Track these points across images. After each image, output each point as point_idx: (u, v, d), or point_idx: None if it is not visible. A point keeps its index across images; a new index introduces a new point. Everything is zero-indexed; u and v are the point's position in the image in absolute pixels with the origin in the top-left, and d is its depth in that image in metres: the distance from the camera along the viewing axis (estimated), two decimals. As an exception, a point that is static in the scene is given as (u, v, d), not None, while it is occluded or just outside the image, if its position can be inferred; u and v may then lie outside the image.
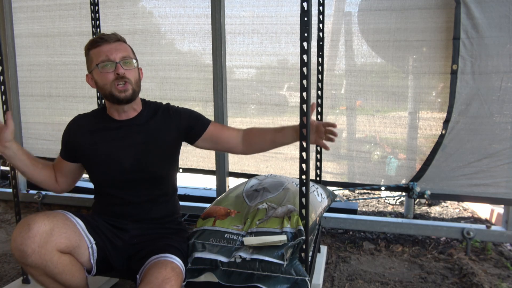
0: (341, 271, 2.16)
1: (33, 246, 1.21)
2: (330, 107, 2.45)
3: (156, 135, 1.55)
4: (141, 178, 1.54)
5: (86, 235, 1.39)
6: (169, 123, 1.58)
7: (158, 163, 1.56)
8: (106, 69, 1.45)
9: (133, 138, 1.54)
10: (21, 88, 3.06)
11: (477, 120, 2.17)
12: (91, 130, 1.55)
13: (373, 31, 2.30)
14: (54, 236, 1.25)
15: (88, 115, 1.63)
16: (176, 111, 1.62)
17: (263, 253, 1.39)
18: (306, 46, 1.28)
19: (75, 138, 1.56)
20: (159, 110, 1.60)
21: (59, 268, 1.28)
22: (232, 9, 2.53)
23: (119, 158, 1.51)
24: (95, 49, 1.47)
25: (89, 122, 1.59)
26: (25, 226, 1.23)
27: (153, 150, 1.54)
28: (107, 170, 1.52)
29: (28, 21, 2.97)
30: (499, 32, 2.06)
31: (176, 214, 1.70)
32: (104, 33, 1.50)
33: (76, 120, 1.63)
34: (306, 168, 1.34)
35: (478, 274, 2.04)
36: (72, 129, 1.59)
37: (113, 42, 1.47)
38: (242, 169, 2.71)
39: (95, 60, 1.47)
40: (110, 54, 1.45)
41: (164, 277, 1.25)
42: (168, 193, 1.64)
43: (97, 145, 1.53)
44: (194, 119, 1.62)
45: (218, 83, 2.56)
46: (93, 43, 1.48)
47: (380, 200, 3.30)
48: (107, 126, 1.55)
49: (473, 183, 2.23)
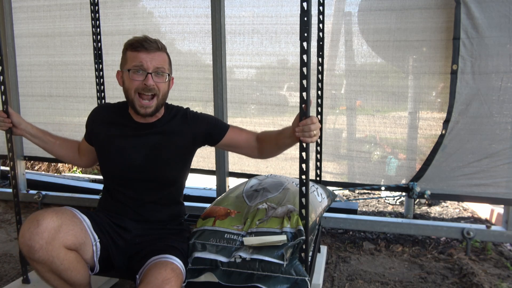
0: (341, 271, 2.16)
1: (41, 242, 1.22)
2: (330, 107, 2.45)
3: (169, 138, 1.56)
4: (148, 178, 1.55)
5: (92, 233, 1.40)
6: (185, 128, 1.58)
7: (167, 166, 1.57)
8: (137, 75, 1.45)
9: (147, 138, 1.55)
10: (21, 88, 3.06)
11: (477, 120, 2.17)
12: (109, 122, 1.59)
13: (373, 31, 2.30)
14: (61, 232, 1.26)
15: (111, 107, 1.65)
16: (194, 116, 1.62)
17: (263, 253, 1.39)
18: (306, 46, 1.28)
19: (94, 126, 1.62)
20: (178, 114, 1.61)
21: (64, 265, 1.29)
22: (232, 9, 2.53)
23: (130, 155, 1.53)
24: (133, 52, 1.46)
25: (110, 114, 1.62)
26: (34, 221, 1.24)
27: (164, 153, 1.55)
28: (117, 164, 1.55)
29: (28, 21, 2.97)
30: (499, 32, 2.06)
31: (179, 218, 1.70)
32: (148, 38, 1.48)
33: (99, 109, 1.69)
34: (306, 168, 1.34)
35: (478, 274, 2.04)
36: (93, 117, 1.65)
37: (152, 52, 1.46)
38: (242, 169, 2.71)
39: (129, 62, 1.47)
40: (145, 62, 1.44)
41: (164, 278, 1.25)
42: (174, 198, 1.65)
43: (112, 138, 1.56)
44: (212, 126, 1.62)
45: (218, 83, 2.56)
46: (133, 45, 1.47)
47: (380, 200, 3.30)
48: (125, 123, 1.58)
49: (473, 183, 2.23)
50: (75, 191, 3.20)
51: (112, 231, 1.50)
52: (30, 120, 3.32)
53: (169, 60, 1.56)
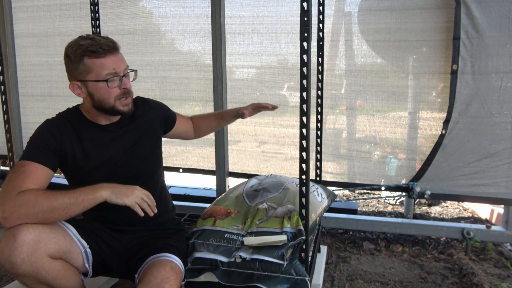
0: (341, 271, 2.16)
1: (22, 256, 1.18)
2: (330, 107, 2.45)
3: (144, 129, 1.56)
4: (134, 176, 1.50)
5: (79, 240, 1.36)
6: (152, 115, 1.61)
7: (149, 158, 1.57)
8: (112, 83, 1.37)
9: (124, 138, 1.50)
10: (21, 88, 3.06)
11: (477, 120, 2.17)
12: (78, 137, 1.43)
13: (373, 31, 2.30)
14: (42, 242, 1.21)
15: (64, 120, 1.46)
16: (154, 102, 1.66)
17: (263, 253, 1.39)
18: (306, 46, 1.28)
19: (62, 145, 1.39)
20: (138, 104, 1.58)
21: (51, 274, 1.25)
22: (232, 9, 2.53)
23: (114, 161, 1.47)
24: (98, 59, 1.33)
25: (71, 129, 1.43)
26: (10, 237, 1.18)
27: (145, 145, 1.55)
28: (101, 176, 1.41)
29: (28, 21, 2.96)
30: (499, 32, 2.06)
31: (171, 211, 1.70)
32: (105, 38, 1.36)
33: (55, 125, 1.42)
34: (306, 168, 1.34)
35: (478, 274, 2.04)
36: (56, 135, 1.39)
37: (117, 52, 1.38)
38: (242, 169, 2.71)
39: (97, 71, 1.34)
40: (117, 67, 1.36)
41: (163, 277, 1.25)
42: (158, 189, 1.63)
43: (89, 153, 1.43)
44: (167, 111, 1.70)
45: (218, 83, 2.56)
46: (95, 51, 1.33)
47: (380, 200, 3.30)
48: (93, 132, 1.45)
49: (473, 183, 2.23)
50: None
51: (107, 235, 1.48)
52: (30, 120, 3.32)
53: None
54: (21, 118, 3.09)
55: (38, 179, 1.27)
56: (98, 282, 1.83)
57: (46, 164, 1.31)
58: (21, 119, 3.09)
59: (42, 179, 1.29)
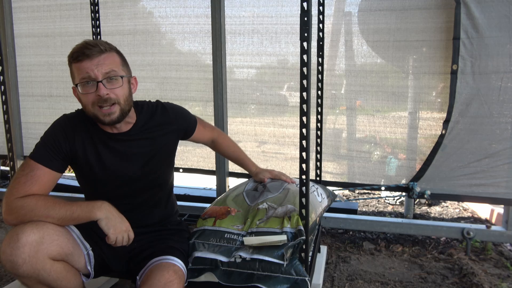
0: (341, 271, 2.16)
1: (23, 256, 1.18)
2: (330, 107, 2.45)
3: (159, 140, 1.52)
4: (146, 185, 1.52)
5: (82, 242, 1.36)
6: (172, 128, 1.56)
7: (162, 168, 1.56)
8: (88, 88, 1.30)
9: (137, 149, 1.48)
10: (21, 88, 3.06)
11: (477, 120, 2.17)
12: (93, 141, 1.42)
13: (373, 31, 2.30)
14: (44, 244, 1.21)
15: (80, 119, 1.43)
16: (174, 112, 1.58)
17: (263, 253, 1.39)
18: (306, 46, 1.28)
19: (74, 146, 1.39)
20: (155, 112, 1.53)
21: (52, 276, 1.25)
22: (232, 9, 2.53)
23: (126, 171, 1.47)
24: (77, 64, 1.31)
25: (86, 130, 1.42)
26: (13, 236, 1.19)
27: (158, 156, 1.52)
28: (113, 184, 1.46)
29: (28, 21, 2.96)
30: (499, 32, 2.06)
31: (175, 214, 1.70)
32: (88, 43, 1.31)
33: (70, 124, 1.41)
34: (306, 168, 1.34)
35: (478, 274, 2.04)
36: (69, 136, 1.39)
37: (96, 57, 1.29)
38: (242, 169, 2.70)
39: (76, 76, 1.32)
40: (91, 71, 1.29)
41: (166, 280, 1.24)
42: (167, 195, 1.64)
43: (102, 159, 1.43)
44: (187, 122, 1.65)
45: (218, 83, 2.56)
46: (74, 56, 1.31)
47: (380, 200, 3.30)
48: (104, 138, 1.43)
49: (473, 183, 2.23)
50: (74, 191, 3.19)
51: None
52: (30, 120, 3.33)
53: (121, 60, 1.38)
54: (21, 118, 3.09)
55: (45, 185, 1.33)
56: (98, 282, 1.83)
57: (54, 168, 1.36)
58: (21, 119, 3.09)
59: (49, 184, 1.35)
